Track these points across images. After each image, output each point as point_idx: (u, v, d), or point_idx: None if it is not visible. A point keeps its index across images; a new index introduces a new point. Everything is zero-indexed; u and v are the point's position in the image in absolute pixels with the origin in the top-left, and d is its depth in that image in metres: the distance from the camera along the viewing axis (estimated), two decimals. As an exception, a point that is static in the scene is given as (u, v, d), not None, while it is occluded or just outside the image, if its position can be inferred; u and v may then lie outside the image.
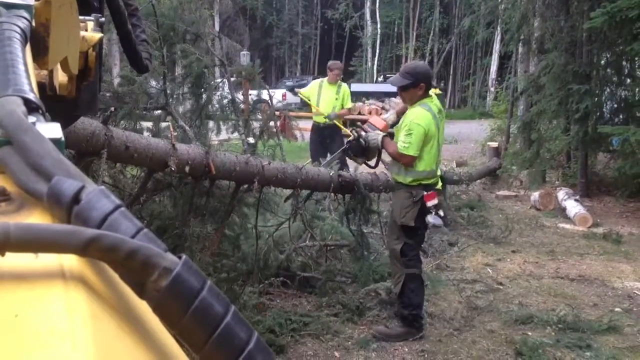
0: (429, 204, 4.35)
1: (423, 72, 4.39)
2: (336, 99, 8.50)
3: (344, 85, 8.83)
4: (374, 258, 5.45)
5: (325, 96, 8.55)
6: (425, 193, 4.30)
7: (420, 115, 4.26)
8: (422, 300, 4.52)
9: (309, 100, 8.81)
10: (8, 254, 0.39)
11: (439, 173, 4.55)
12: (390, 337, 4.33)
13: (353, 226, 5.30)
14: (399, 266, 4.41)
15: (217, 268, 4.22)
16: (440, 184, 4.59)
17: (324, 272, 5.10)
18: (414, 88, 4.27)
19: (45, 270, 0.41)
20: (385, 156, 4.64)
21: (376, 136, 4.53)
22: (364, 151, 4.62)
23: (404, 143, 4.25)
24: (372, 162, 4.85)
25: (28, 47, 0.68)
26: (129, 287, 0.42)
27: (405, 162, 4.29)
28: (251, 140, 5.06)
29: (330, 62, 9.14)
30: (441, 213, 4.53)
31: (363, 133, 4.59)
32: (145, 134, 4.23)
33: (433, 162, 4.36)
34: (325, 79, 8.76)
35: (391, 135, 4.65)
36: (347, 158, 5.01)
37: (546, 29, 10.59)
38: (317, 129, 8.82)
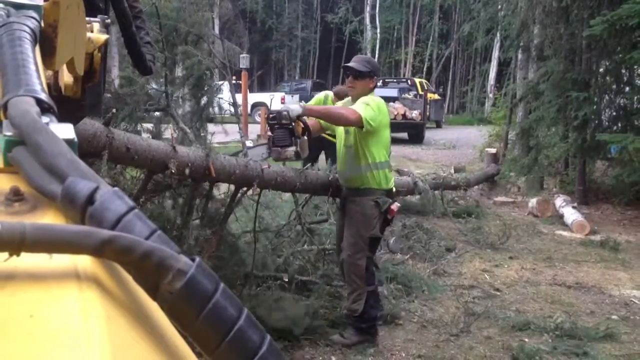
0: (393, 215, 4.20)
1: (378, 67, 4.40)
2: None
3: None
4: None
5: None
6: (390, 201, 4.11)
7: (376, 98, 4.12)
8: (379, 312, 4.32)
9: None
10: (23, 254, 0.39)
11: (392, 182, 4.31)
12: (346, 346, 4.18)
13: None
14: (359, 283, 4.15)
15: (215, 271, 4.20)
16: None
17: (322, 276, 5.09)
18: (369, 78, 4.14)
19: (59, 271, 0.41)
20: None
21: (294, 105, 4.01)
22: (291, 134, 3.98)
23: (358, 107, 3.94)
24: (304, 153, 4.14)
25: (37, 48, 0.69)
26: (143, 288, 0.42)
27: (353, 119, 3.88)
28: (249, 142, 5.06)
29: (336, 88, 8.83)
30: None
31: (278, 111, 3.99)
32: (145, 135, 4.22)
33: (387, 152, 4.21)
34: (332, 96, 8.48)
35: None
36: (275, 155, 4.08)
37: (546, 36, 10.63)
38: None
